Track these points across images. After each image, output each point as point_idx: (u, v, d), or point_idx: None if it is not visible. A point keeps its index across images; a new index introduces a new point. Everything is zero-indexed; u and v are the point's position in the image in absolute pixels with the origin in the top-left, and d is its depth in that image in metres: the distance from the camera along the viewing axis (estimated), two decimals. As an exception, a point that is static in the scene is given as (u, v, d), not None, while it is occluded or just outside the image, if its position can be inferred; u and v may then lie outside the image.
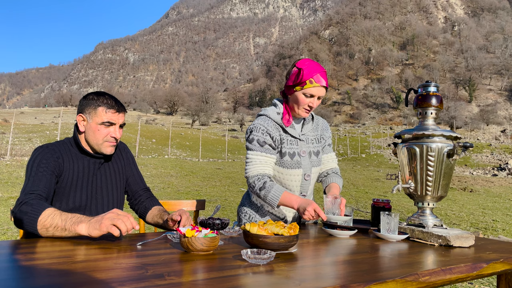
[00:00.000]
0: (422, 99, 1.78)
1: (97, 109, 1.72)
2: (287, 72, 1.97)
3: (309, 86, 1.84)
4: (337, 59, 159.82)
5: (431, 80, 1.81)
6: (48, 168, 1.65)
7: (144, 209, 1.93)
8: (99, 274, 0.99)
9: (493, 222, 7.19)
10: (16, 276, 0.98)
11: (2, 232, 5.09)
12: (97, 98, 1.74)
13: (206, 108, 68.16)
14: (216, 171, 15.43)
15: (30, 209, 1.47)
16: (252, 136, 1.93)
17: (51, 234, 1.43)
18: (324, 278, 1.06)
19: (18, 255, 1.20)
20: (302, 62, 1.89)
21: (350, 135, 48.45)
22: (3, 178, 9.96)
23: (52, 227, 1.42)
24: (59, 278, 0.96)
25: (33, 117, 59.04)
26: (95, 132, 1.72)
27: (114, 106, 1.74)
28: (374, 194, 10.83)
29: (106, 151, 1.76)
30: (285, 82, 1.97)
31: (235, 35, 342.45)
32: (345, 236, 1.71)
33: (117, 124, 1.76)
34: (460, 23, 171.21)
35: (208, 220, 1.69)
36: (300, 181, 1.99)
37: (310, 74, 1.83)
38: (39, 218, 1.43)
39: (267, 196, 1.84)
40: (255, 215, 2.01)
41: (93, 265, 1.08)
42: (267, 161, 1.91)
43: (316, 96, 1.89)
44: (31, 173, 1.63)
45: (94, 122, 1.72)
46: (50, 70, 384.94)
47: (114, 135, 1.75)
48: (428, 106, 1.77)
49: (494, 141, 41.56)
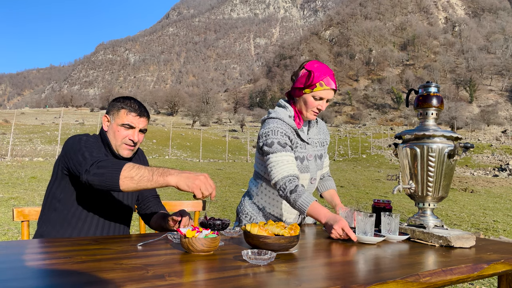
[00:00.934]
0: (423, 99, 1.78)
1: (120, 111, 1.76)
2: (294, 74, 1.92)
3: (319, 89, 1.81)
4: (338, 60, 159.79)
5: (432, 81, 1.81)
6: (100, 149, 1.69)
7: (150, 214, 1.95)
8: (100, 275, 0.99)
9: (494, 223, 7.18)
10: (16, 276, 0.98)
11: (3, 232, 5.09)
12: (122, 100, 1.79)
13: (206, 108, 68.16)
14: (216, 172, 15.44)
15: (110, 164, 1.47)
16: (271, 139, 1.82)
17: (135, 184, 1.42)
18: (324, 278, 1.06)
19: (19, 256, 1.20)
20: (311, 64, 1.85)
21: (351, 136, 48.44)
22: (3, 178, 9.97)
23: (138, 175, 1.42)
24: (59, 278, 0.96)
25: (34, 118, 59.09)
26: (115, 133, 1.76)
27: (137, 110, 1.77)
28: (375, 195, 10.83)
29: (123, 154, 1.78)
30: (293, 84, 1.92)
31: (235, 36, 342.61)
32: (372, 243, 1.59)
33: (137, 128, 1.77)
34: (461, 24, 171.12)
35: (209, 221, 1.69)
36: (307, 185, 1.97)
37: (320, 77, 1.80)
38: (123, 168, 1.43)
39: (297, 201, 1.72)
40: (256, 217, 1.99)
41: (94, 266, 1.08)
42: (292, 160, 1.82)
43: (325, 99, 1.86)
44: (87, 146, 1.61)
45: (116, 123, 1.76)
46: (51, 71, 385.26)
47: (132, 138, 1.76)
48: (429, 106, 1.77)
49: (494, 141, 41.54)
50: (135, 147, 1.81)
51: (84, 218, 1.74)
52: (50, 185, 1.77)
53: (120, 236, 1.58)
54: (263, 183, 1.98)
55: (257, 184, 2.01)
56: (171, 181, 1.40)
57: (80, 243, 1.38)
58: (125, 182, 1.42)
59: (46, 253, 1.24)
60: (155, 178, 1.41)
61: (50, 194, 1.76)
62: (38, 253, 1.25)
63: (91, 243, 1.39)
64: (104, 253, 1.25)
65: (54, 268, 1.05)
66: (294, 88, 1.90)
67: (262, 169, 1.96)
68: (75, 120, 51.11)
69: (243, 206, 2.04)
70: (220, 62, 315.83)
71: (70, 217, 1.72)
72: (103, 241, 1.45)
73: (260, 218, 1.99)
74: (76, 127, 35.09)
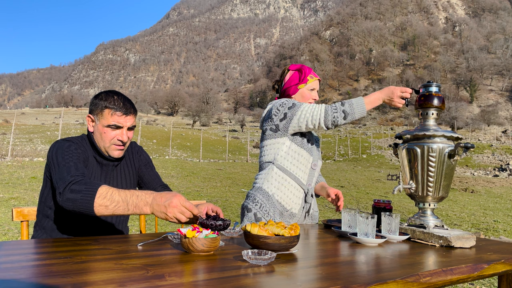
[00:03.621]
0: (424, 99, 1.78)
1: (103, 111, 1.65)
2: (279, 80, 2.20)
3: (311, 81, 2.11)
4: (338, 60, 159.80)
5: (432, 81, 1.81)
6: (80, 158, 1.60)
7: None
8: (100, 275, 0.99)
9: (494, 223, 7.18)
10: (17, 276, 0.98)
11: (3, 232, 5.09)
12: (105, 98, 1.66)
13: (207, 108, 68.21)
14: (216, 172, 15.43)
15: (83, 187, 1.39)
16: (289, 102, 1.97)
17: (110, 212, 1.39)
18: (325, 279, 1.06)
19: (19, 256, 1.20)
20: (294, 66, 2.16)
21: (351, 136, 48.42)
22: (4, 178, 9.97)
23: (112, 205, 1.37)
24: (60, 278, 0.96)
25: (34, 118, 59.12)
26: (102, 135, 1.66)
27: (122, 108, 1.66)
28: (375, 195, 10.82)
29: (113, 154, 1.71)
30: (283, 86, 2.16)
31: (235, 36, 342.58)
32: (373, 245, 1.58)
33: (125, 127, 1.68)
34: (461, 24, 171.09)
35: (209, 221, 1.69)
36: (309, 168, 2.07)
37: (308, 72, 2.12)
38: (96, 195, 1.37)
39: (352, 105, 1.85)
40: (265, 204, 1.98)
41: (94, 266, 1.08)
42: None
43: (316, 89, 2.14)
44: (64, 160, 1.53)
45: (101, 124, 1.66)
46: (51, 71, 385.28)
47: (121, 138, 1.68)
48: (429, 106, 1.76)
49: (495, 141, 41.49)
50: (125, 146, 1.73)
51: (77, 227, 1.70)
52: (42, 190, 1.72)
53: (120, 236, 1.58)
54: (274, 167, 2.04)
55: (267, 171, 2.06)
56: (147, 212, 1.38)
57: (80, 243, 1.38)
58: (100, 210, 1.38)
59: (46, 253, 1.24)
60: (131, 209, 1.38)
61: (42, 201, 1.71)
62: (38, 253, 1.25)
63: (91, 243, 1.39)
64: (104, 253, 1.25)
65: (54, 268, 1.05)
66: (289, 87, 2.13)
67: (273, 152, 2.04)
68: (76, 120, 51.10)
69: (253, 197, 2.03)
70: (220, 62, 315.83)
71: (62, 225, 1.69)
72: (103, 241, 1.44)
73: (269, 205, 1.99)
74: (77, 127, 35.10)
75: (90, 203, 1.37)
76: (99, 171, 1.74)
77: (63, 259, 1.14)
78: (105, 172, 1.77)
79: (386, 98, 1.88)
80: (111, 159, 1.75)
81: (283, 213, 2.01)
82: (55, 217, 1.69)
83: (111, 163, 1.78)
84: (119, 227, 1.87)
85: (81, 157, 1.62)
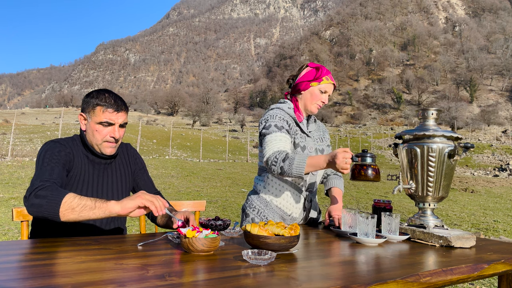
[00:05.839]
0: (357, 172, 1.67)
1: (95, 108, 1.67)
2: (295, 75, 2.09)
3: (325, 82, 2.01)
4: (338, 60, 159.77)
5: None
6: (60, 161, 1.61)
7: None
8: (100, 275, 0.99)
9: (494, 223, 7.18)
10: (17, 276, 0.98)
11: (3, 232, 5.09)
12: (96, 96, 1.69)
13: (207, 108, 68.25)
14: (216, 172, 15.43)
15: (49, 193, 1.41)
16: (268, 123, 1.93)
17: (76, 215, 1.38)
18: (325, 278, 1.06)
19: (19, 256, 1.20)
20: (314, 64, 2.07)
21: (351, 136, 48.43)
22: (4, 178, 9.97)
23: (79, 206, 1.38)
24: (60, 278, 0.96)
25: (34, 118, 59.13)
26: (94, 132, 1.69)
27: (113, 105, 1.68)
28: (375, 195, 10.82)
29: (105, 152, 1.73)
30: (295, 80, 2.07)
31: (235, 36, 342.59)
32: (373, 245, 1.58)
33: (116, 124, 1.70)
34: (461, 24, 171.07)
35: (209, 221, 1.69)
36: (309, 176, 2.03)
37: (326, 73, 2.03)
38: (63, 200, 1.38)
39: (292, 164, 1.74)
40: (263, 210, 2.00)
41: (94, 266, 1.08)
42: (286, 140, 1.90)
43: (328, 93, 2.05)
44: (43, 164, 1.56)
45: (93, 122, 1.68)
46: (51, 71, 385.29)
47: (113, 135, 1.70)
48: (363, 179, 1.67)
49: (495, 141, 41.51)
50: (117, 144, 1.75)
51: (74, 225, 1.68)
52: None
53: (120, 236, 1.58)
54: (269, 175, 2.03)
55: (263, 177, 2.06)
56: (115, 207, 1.38)
57: (80, 243, 1.38)
58: (66, 213, 1.38)
59: (46, 253, 1.24)
60: (98, 206, 1.39)
61: None
62: (38, 253, 1.25)
63: (91, 243, 1.39)
64: (104, 253, 1.25)
65: (54, 268, 1.05)
66: (301, 82, 2.04)
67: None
68: (75, 120, 51.07)
69: (250, 202, 2.06)
70: (220, 62, 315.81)
71: (58, 227, 1.68)
72: (103, 241, 1.45)
73: (268, 211, 2.00)
74: (77, 127, 35.09)
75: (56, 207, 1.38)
76: (91, 170, 1.75)
77: (63, 260, 1.14)
78: (98, 171, 1.77)
79: (330, 160, 1.68)
80: (103, 157, 1.76)
81: (283, 216, 2.02)
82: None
83: (103, 161, 1.79)
84: (117, 225, 1.87)
85: (61, 160, 1.63)
